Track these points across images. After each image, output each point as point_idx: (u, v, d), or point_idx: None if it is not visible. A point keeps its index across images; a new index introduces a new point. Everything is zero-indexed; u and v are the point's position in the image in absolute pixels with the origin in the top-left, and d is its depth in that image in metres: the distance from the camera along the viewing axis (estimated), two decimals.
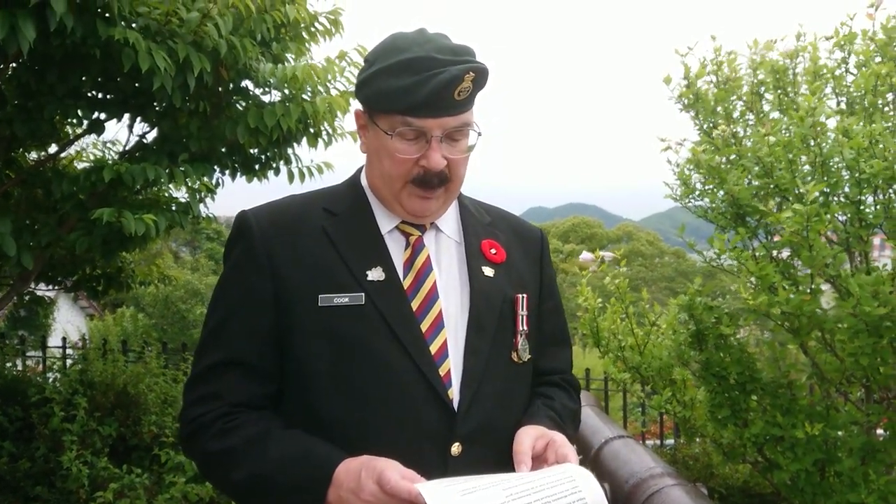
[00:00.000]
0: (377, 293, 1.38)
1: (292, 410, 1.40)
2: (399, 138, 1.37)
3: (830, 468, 3.47)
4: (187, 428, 1.41)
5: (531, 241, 1.68)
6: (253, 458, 1.31)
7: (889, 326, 2.96)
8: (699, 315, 3.64)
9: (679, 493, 2.48)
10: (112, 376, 4.96)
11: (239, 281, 1.42)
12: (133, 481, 4.23)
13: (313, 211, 1.47)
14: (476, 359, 1.42)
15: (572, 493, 1.23)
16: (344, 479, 1.24)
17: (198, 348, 1.46)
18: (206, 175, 4.18)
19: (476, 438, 1.38)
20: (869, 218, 3.32)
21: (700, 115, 3.94)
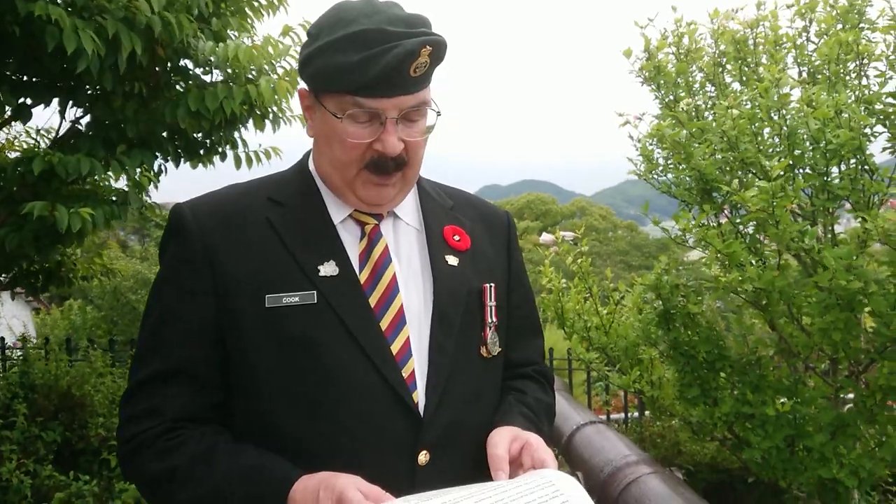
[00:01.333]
0: (331, 290, 1.27)
1: (241, 423, 1.29)
2: (350, 121, 1.24)
3: (800, 444, 3.45)
4: (125, 447, 1.29)
5: (497, 225, 1.56)
6: (199, 478, 1.20)
7: (861, 300, 2.92)
8: (666, 294, 3.57)
9: (657, 482, 2.43)
10: (55, 378, 4.71)
11: (175, 282, 1.30)
12: (81, 489, 4.02)
13: (257, 201, 1.34)
14: (442, 357, 1.32)
15: (553, 497, 1.12)
16: (301, 498, 1.14)
17: (134, 358, 1.32)
18: (147, 162, 3.93)
19: (444, 445, 1.29)
20: (836, 190, 3.27)
21: (661, 89, 3.84)
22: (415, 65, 1.20)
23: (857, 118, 3.11)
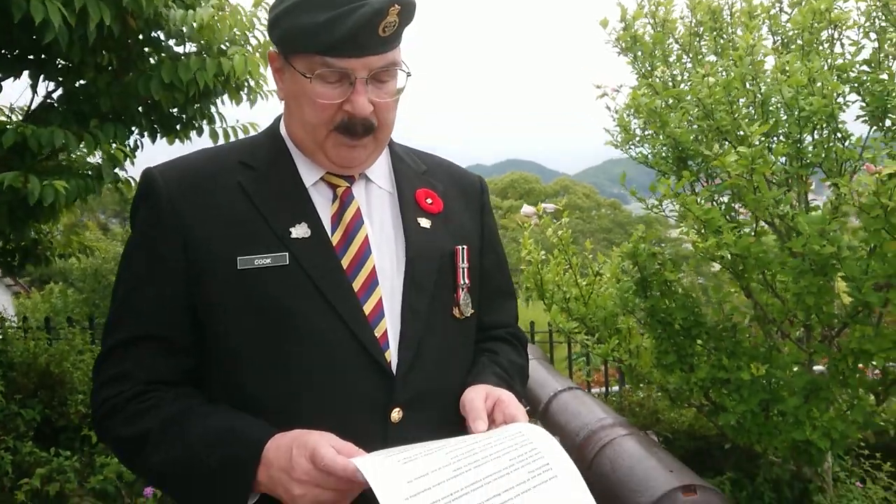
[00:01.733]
0: (302, 251, 1.26)
1: (214, 385, 1.29)
2: (319, 81, 1.23)
3: (774, 408, 3.51)
4: (98, 411, 1.28)
5: (471, 190, 1.56)
6: (172, 440, 1.20)
7: (834, 265, 2.96)
8: (643, 262, 3.60)
9: (632, 443, 2.46)
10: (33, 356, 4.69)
11: (146, 247, 1.29)
12: (62, 464, 4.01)
13: (228, 165, 1.32)
14: (414, 317, 1.32)
15: (523, 445, 1.14)
16: (274, 457, 1.14)
17: (106, 323, 1.32)
18: (120, 136, 3.87)
19: (417, 403, 1.29)
20: (809, 157, 3.30)
21: (638, 59, 3.85)
22: (383, 24, 1.19)
23: (829, 85, 3.14)
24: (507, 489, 1.06)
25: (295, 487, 1.10)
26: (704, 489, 2.08)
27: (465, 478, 1.06)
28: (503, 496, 1.05)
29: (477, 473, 1.07)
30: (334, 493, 1.10)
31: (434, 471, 1.06)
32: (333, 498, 1.10)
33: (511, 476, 1.08)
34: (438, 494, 1.02)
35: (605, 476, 2.36)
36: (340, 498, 1.11)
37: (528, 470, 1.10)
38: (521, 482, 1.08)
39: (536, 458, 1.13)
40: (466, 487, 1.05)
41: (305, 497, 1.10)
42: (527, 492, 1.07)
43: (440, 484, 1.04)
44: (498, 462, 1.10)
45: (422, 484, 1.03)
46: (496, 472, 1.08)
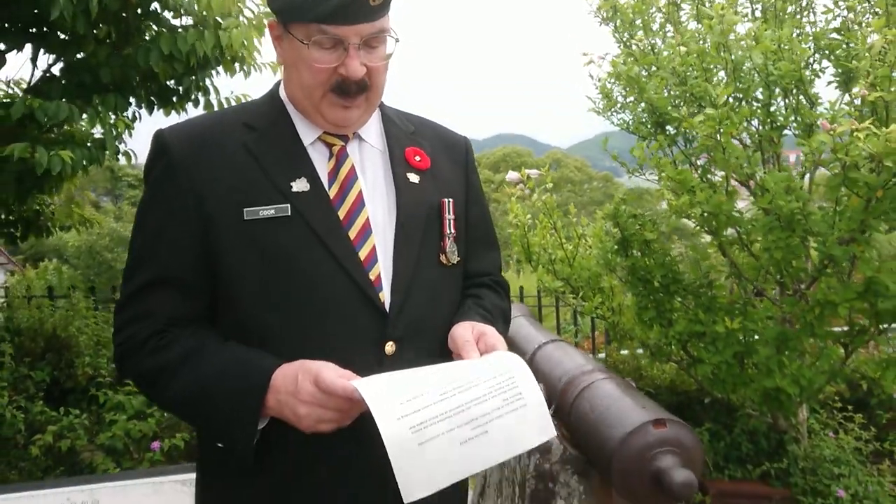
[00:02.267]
0: (303, 204, 1.38)
1: (224, 324, 1.41)
2: (316, 47, 1.34)
3: (749, 360, 3.70)
4: (120, 349, 1.41)
5: (456, 148, 1.69)
6: (189, 372, 1.33)
7: (800, 220, 3.13)
8: (624, 223, 3.78)
9: (609, 385, 2.62)
10: (39, 321, 4.84)
11: (161, 200, 1.40)
12: (72, 422, 4.19)
13: (233, 127, 1.45)
14: (405, 262, 1.45)
15: (501, 374, 1.29)
16: (282, 383, 1.27)
17: (125, 271, 1.45)
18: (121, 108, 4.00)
19: (408, 337, 1.42)
20: (779, 120, 3.47)
21: (619, 29, 3.99)
22: None
23: (797, 51, 3.30)
24: (485, 413, 1.22)
25: (300, 408, 1.23)
26: (673, 422, 2.27)
27: (450, 402, 1.20)
28: (480, 420, 1.21)
29: (461, 398, 1.21)
30: (335, 413, 1.24)
31: (423, 394, 1.20)
32: (334, 417, 1.24)
33: (488, 402, 1.23)
34: (426, 415, 1.17)
35: (585, 415, 2.53)
36: (341, 418, 1.25)
37: (503, 398, 1.25)
38: (497, 408, 1.24)
39: (511, 388, 1.28)
40: (451, 410, 1.19)
41: (310, 416, 1.23)
42: (500, 417, 1.23)
43: (428, 406, 1.18)
44: (478, 389, 1.24)
45: (412, 405, 1.18)
46: (476, 399, 1.23)
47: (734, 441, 4.64)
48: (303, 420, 1.24)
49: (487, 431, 1.21)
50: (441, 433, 1.17)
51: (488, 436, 1.21)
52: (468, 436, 1.19)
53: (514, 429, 1.25)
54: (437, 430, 1.17)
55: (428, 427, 1.16)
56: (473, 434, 1.20)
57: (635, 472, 2.15)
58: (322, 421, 1.24)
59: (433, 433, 1.16)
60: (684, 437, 2.24)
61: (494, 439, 1.22)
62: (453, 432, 1.18)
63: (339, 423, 1.26)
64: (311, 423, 1.25)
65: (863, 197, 3.01)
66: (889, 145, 2.61)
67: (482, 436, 1.21)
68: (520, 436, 1.26)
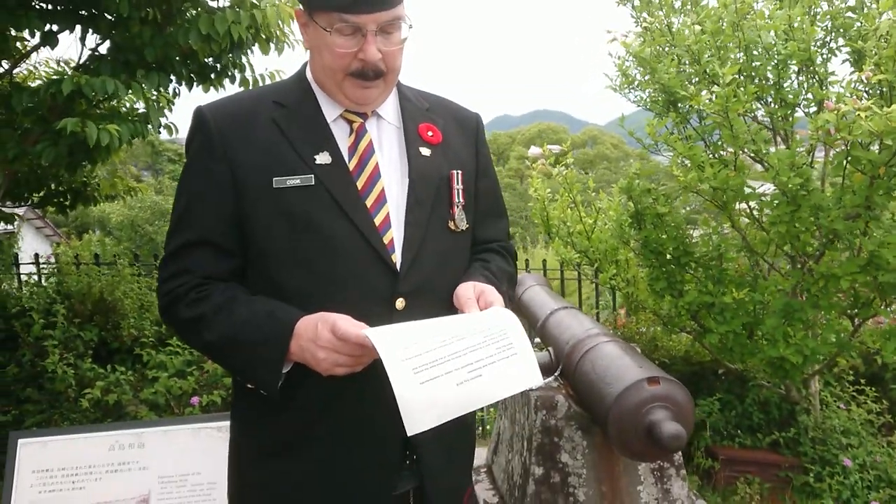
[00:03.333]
0: (325, 175, 1.52)
1: (255, 281, 1.56)
2: (337, 34, 1.47)
3: (758, 330, 3.83)
4: (164, 300, 1.57)
5: (468, 124, 1.83)
6: (223, 320, 1.48)
7: (804, 195, 3.25)
8: (637, 196, 3.91)
9: (611, 347, 2.76)
10: (88, 286, 5.15)
11: (200, 169, 1.56)
12: (119, 378, 4.49)
13: (264, 103, 1.60)
14: (415, 227, 1.58)
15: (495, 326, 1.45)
16: (303, 330, 1.41)
17: (169, 231, 1.62)
18: (163, 85, 4.26)
19: (417, 294, 1.56)
20: (789, 98, 3.56)
21: (636, 9, 4.10)
22: None
23: (807, 31, 3.39)
24: (479, 359, 1.38)
25: (319, 352, 1.38)
26: (667, 380, 2.42)
27: (450, 348, 1.36)
28: (475, 364, 1.37)
29: (458, 345, 1.37)
30: (348, 358, 1.38)
31: (426, 340, 1.37)
32: (348, 362, 1.39)
33: (482, 350, 1.40)
34: (427, 359, 1.33)
35: (587, 374, 2.70)
36: (354, 362, 1.39)
37: (496, 346, 1.41)
38: (490, 355, 1.40)
39: (503, 338, 1.44)
40: (449, 355, 1.35)
41: (327, 360, 1.38)
42: (493, 363, 1.40)
43: (429, 351, 1.34)
44: (474, 338, 1.40)
45: (415, 349, 1.34)
46: (472, 346, 1.39)
47: (745, 410, 4.75)
48: (321, 363, 1.39)
49: (481, 375, 1.37)
50: (440, 374, 1.31)
51: (482, 378, 1.35)
52: (464, 377, 1.34)
53: (505, 373, 1.40)
54: (436, 372, 1.31)
55: (428, 369, 1.31)
56: (469, 377, 1.35)
57: (630, 425, 2.30)
58: (338, 364, 1.39)
59: (433, 374, 1.30)
60: (676, 394, 2.39)
61: (487, 381, 1.36)
62: (451, 374, 1.32)
63: (353, 368, 1.40)
64: (328, 367, 1.39)
65: (867, 174, 3.12)
66: (890, 124, 2.71)
67: (477, 378, 1.36)
68: (509, 381, 1.41)
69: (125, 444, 2.92)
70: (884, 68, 2.91)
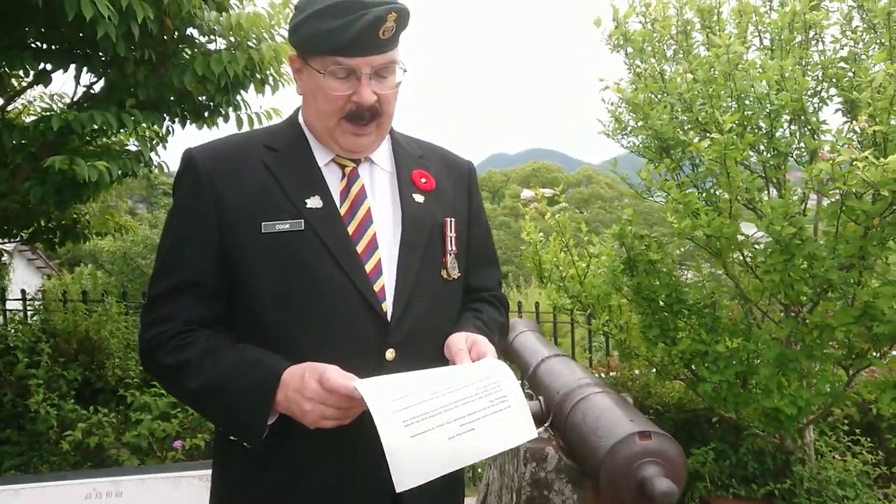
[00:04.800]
0: (316, 220, 1.50)
1: (241, 327, 1.53)
2: (331, 77, 1.47)
3: (751, 379, 3.78)
4: (145, 346, 1.53)
5: (460, 171, 1.82)
6: (206, 368, 1.45)
7: (798, 245, 3.23)
8: (630, 242, 3.89)
9: (603, 398, 2.72)
10: (74, 324, 5.09)
11: (187, 211, 1.54)
12: (101, 420, 4.41)
13: (254, 147, 1.59)
14: (407, 275, 1.56)
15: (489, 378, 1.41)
16: (290, 380, 1.38)
17: (153, 275, 1.58)
18: (156, 123, 4.26)
19: (407, 344, 1.53)
20: (781, 147, 3.57)
21: (629, 56, 4.12)
22: (383, 28, 1.43)
23: (799, 81, 3.40)
24: (472, 413, 1.34)
25: (305, 404, 1.34)
26: (658, 435, 2.38)
27: (441, 400, 1.33)
28: (467, 418, 1.33)
29: (450, 398, 1.34)
30: (336, 410, 1.34)
31: (417, 392, 1.33)
32: (336, 414, 1.35)
33: (475, 402, 1.36)
34: (418, 411, 1.29)
35: (578, 426, 2.65)
36: (342, 415, 1.36)
37: (489, 399, 1.38)
38: (483, 408, 1.36)
39: (497, 390, 1.40)
40: (440, 408, 1.31)
41: (313, 412, 1.34)
42: (486, 416, 1.36)
43: (421, 403, 1.30)
44: (467, 390, 1.37)
45: (406, 402, 1.30)
46: (464, 399, 1.35)
47: (740, 460, 4.67)
48: (308, 415, 1.35)
49: (474, 429, 1.33)
50: (431, 428, 1.28)
51: (475, 433, 1.32)
52: (456, 432, 1.30)
53: (499, 428, 1.36)
54: (427, 426, 1.28)
55: (419, 422, 1.28)
56: (461, 430, 1.31)
57: (621, 480, 2.25)
58: (325, 417, 1.35)
59: (424, 428, 1.27)
60: (668, 449, 2.34)
61: (480, 436, 1.33)
62: (443, 428, 1.29)
63: (341, 420, 1.37)
64: (315, 419, 1.35)
65: (861, 225, 3.10)
66: (886, 175, 2.70)
67: (469, 432, 1.32)
68: (503, 434, 1.37)
69: (102, 493, 2.84)
70: (879, 119, 2.91)
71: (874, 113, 2.93)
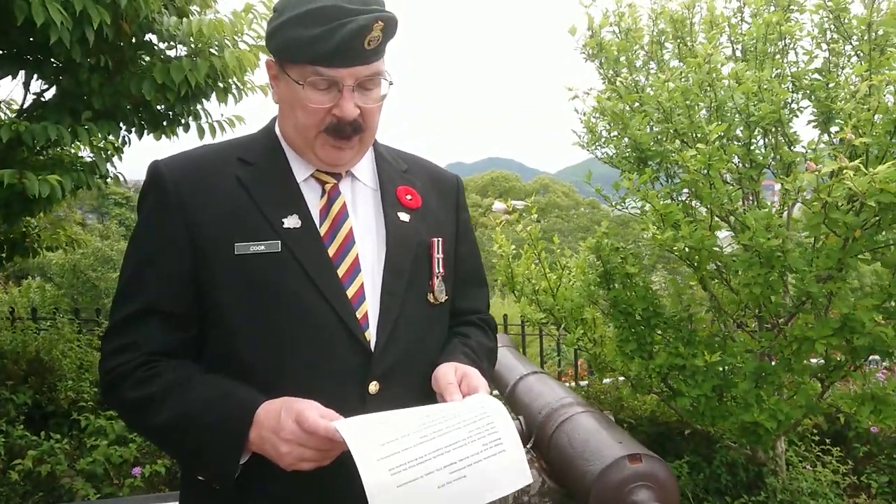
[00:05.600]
0: (294, 240, 1.39)
1: (212, 357, 1.42)
2: (311, 88, 1.36)
3: (728, 393, 3.74)
4: (106, 378, 1.41)
5: (447, 186, 1.70)
6: (173, 403, 1.33)
7: (779, 257, 3.20)
8: (606, 256, 3.82)
9: (587, 419, 2.66)
10: (23, 344, 4.82)
11: (153, 229, 1.41)
12: (53, 447, 4.16)
13: (227, 160, 1.46)
14: (392, 300, 1.45)
15: (481, 419, 1.30)
16: (265, 418, 1.27)
17: (114, 299, 1.45)
18: (112, 133, 4.04)
19: (392, 377, 1.43)
20: (759, 159, 3.55)
21: (604, 65, 4.08)
22: (368, 38, 1.32)
23: (777, 93, 3.38)
24: (463, 458, 1.23)
25: (282, 446, 1.23)
26: (648, 457, 2.31)
27: (430, 445, 1.21)
28: (459, 464, 1.22)
29: (440, 442, 1.22)
30: (315, 452, 1.24)
31: (405, 436, 1.21)
32: (314, 456, 1.24)
33: (468, 447, 1.24)
34: (406, 458, 1.18)
35: (563, 448, 2.57)
36: (322, 457, 1.25)
37: (482, 442, 1.26)
38: (476, 453, 1.25)
39: (491, 433, 1.28)
40: (430, 454, 1.20)
41: (290, 454, 1.24)
42: (478, 462, 1.24)
43: (408, 449, 1.19)
44: (459, 433, 1.25)
45: (392, 447, 1.19)
46: (456, 443, 1.24)
47: (713, 473, 4.67)
48: (284, 458, 1.25)
49: (465, 476, 1.22)
50: (419, 476, 1.18)
51: (466, 480, 1.22)
52: (446, 480, 1.20)
53: (492, 474, 1.25)
54: (415, 473, 1.18)
55: (407, 470, 1.17)
56: (451, 478, 1.21)
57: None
58: (303, 459, 1.25)
59: (412, 476, 1.17)
60: (659, 472, 2.30)
61: (472, 484, 1.23)
62: (432, 476, 1.19)
63: (320, 463, 1.26)
64: (292, 461, 1.25)
65: (841, 236, 3.08)
66: (874, 185, 2.68)
67: (460, 480, 1.21)
68: (496, 481, 1.26)
69: None
70: (862, 130, 2.89)
71: (858, 124, 2.91)
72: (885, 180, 2.63)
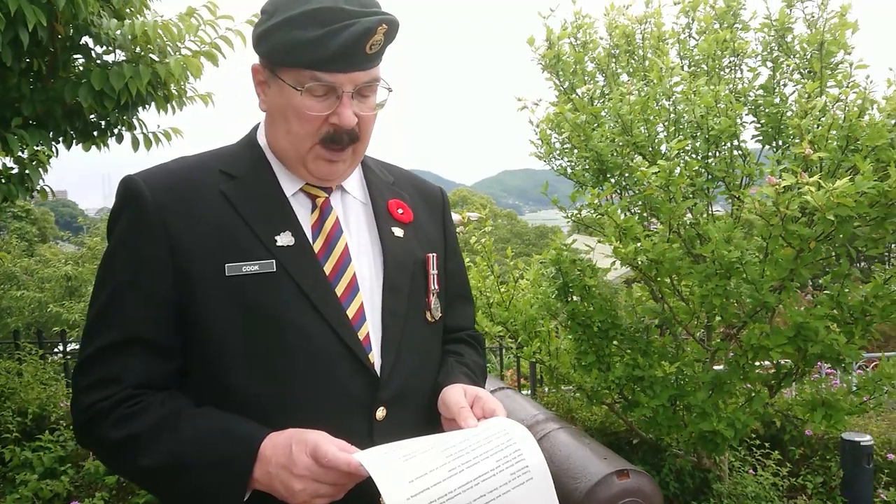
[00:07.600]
0: (288, 259, 1.30)
1: (202, 388, 1.30)
2: (308, 94, 1.27)
3: (681, 402, 3.79)
4: (82, 416, 1.27)
5: (433, 200, 1.64)
6: (163, 442, 1.22)
7: (738, 268, 3.26)
8: (565, 268, 3.82)
9: (565, 436, 2.65)
10: None
11: (130, 251, 1.29)
12: None
13: (209, 173, 1.35)
14: (394, 321, 1.39)
15: (508, 446, 1.24)
16: (272, 454, 1.18)
17: (86, 329, 1.31)
18: (43, 142, 3.76)
19: (399, 401, 1.36)
20: (715, 172, 3.62)
21: (560, 77, 4.09)
22: (371, 42, 1.25)
23: (732, 108, 3.47)
24: (493, 489, 1.17)
25: (295, 483, 1.15)
26: (636, 473, 2.30)
27: (459, 478, 1.15)
28: (488, 496, 1.16)
29: (469, 474, 1.16)
30: (331, 488, 1.16)
31: (432, 470, 1.14)
32: (330, 492, 1.17)
33: (496, 477, 1.18)
34: (436, 494, 1.11)
35: None
36: (337, 492, 1.18)
37: (510, 472, 1.20)
38: (504, 483, 1.19)
39: (518, 461, 1.22)
40: (460, 488, 1.14)
41: (305, 491, 1.15)
42: (507, 492, 1.18)
43: (437, 484, 1.13)
44: (487, 463, 1.19)
45: (422, 483, 1.12)
46: (485, 474, 1.18)
47: (663, 481, 4.74)
48: (297, 495, 1.16)
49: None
50: None
51: None
52: None
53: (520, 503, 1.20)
54: None
55: None
56: None
57: None
58: (317, 496, 1.17)
59: None
60: (645, 486, 2.30)
61: None
62: None
63: (334, 497, 1.18)
64: (306, 499, 1.16)
65: (795, 248, 3.17)
66: (832, 200, 2.76)
67: None
68: None
69: None
70: (818, 145, 2.98)
71: (814, 140, 3.00)
72: (843, 195, 2.72)
